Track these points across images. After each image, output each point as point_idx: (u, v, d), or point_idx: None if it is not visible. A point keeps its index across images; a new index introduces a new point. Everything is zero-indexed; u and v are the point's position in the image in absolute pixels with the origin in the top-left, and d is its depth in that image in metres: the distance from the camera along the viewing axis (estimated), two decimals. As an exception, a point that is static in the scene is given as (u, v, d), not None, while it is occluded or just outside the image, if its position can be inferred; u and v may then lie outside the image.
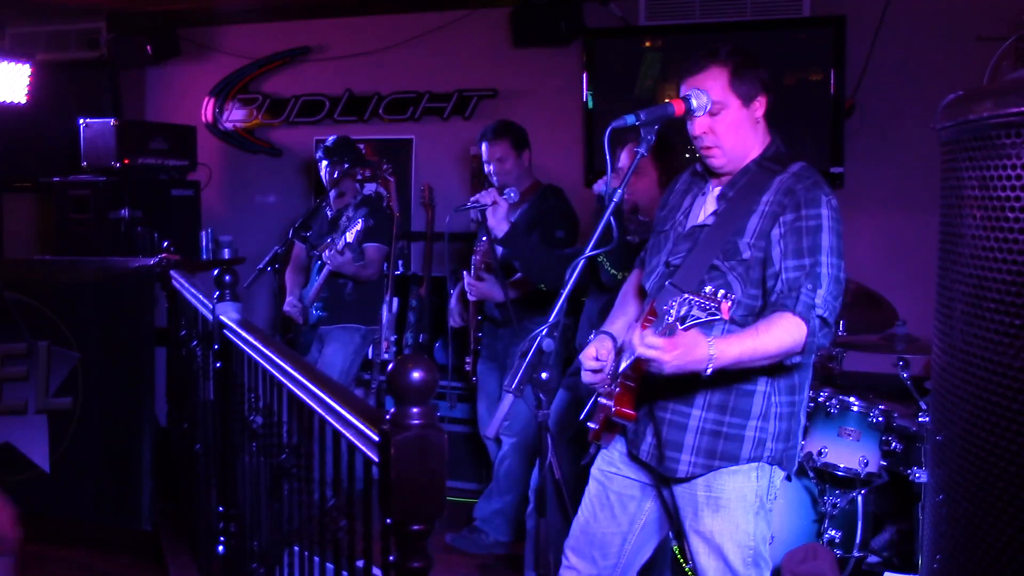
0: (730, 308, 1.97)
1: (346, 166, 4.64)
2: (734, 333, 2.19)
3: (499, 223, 3.40)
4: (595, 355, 2.34)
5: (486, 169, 4.11)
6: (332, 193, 4.63)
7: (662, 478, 2.39)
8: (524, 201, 4.03)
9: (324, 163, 4.65)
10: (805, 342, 2.15)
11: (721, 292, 1.96)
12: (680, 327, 1.96)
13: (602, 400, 2.37)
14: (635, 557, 2.52)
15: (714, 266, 2.26)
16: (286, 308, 4.67)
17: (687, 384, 2.24)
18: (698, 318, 1.96)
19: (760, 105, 2.32)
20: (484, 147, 4.07)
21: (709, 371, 2.07)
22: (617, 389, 2.27)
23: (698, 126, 2.28)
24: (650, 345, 2.00)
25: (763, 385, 2.28)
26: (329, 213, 4.67)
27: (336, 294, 4.55)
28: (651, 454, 2.36)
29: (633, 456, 2.43)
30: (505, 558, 4.09)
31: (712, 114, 2.27)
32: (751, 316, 2.26)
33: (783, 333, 2.14)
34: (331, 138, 4.74)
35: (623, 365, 2.22)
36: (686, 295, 1.98)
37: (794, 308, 2.15)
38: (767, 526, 2.35)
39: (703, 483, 2.31)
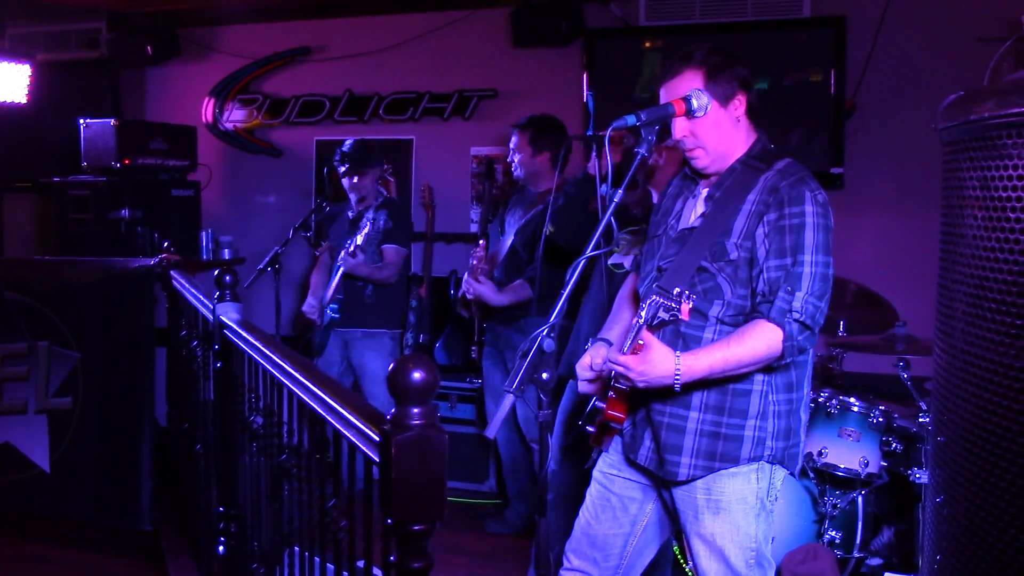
0: (690, 309, 2.04)
1: (347, 166, 4.63)
2: (705, 346, 2.21)
3: (608, 163, 3.38)
4: (590, 364, 2.36)
5: (517, 157, 4.07)
6: (353, 197, 4.56)
7: (662, 481, 2.39)
8: (539, 203, 4.00)
9: (343, 168, 4.53)
10: (783, 347, 2.15)
11: (680, 291, 2.05)
12: (645, 329, 2.07)
13: (599, 404, 2.37)
14: (637, 559, 2.51)
15: (703, 268, 2.25)
16: (304, 308, 4.62)
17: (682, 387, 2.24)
18: (662, 318, 2.05)
19: (739, 104, 2.30)
20: (514, 136, 4.07)
21: (677, 387, 2.13)
22: (611, 394, 2.27)
23: (678, 130, 2.28)
24: (616, 362, 2.09)
25: (759, 384, 2.27)
26: (350, 215, 4.61)
27: (355, 297, 4.49)
28: (649, 458, 2.36)
29: (631, 460, 2.43)
30: (509, 554, 4.09)
31: (690, 118, 2.27)
32: (741, 316, 2.25)
33: (756, 342, 2.14)
34: (348, 142, 4.62)
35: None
36: (653, 297, 2.06)
37: (768, 314, 2.15)
38: (769, 527, 2.34)
39: (703, 486, 2.30)
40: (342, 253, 4.34)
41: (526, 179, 4.11)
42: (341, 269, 4.37)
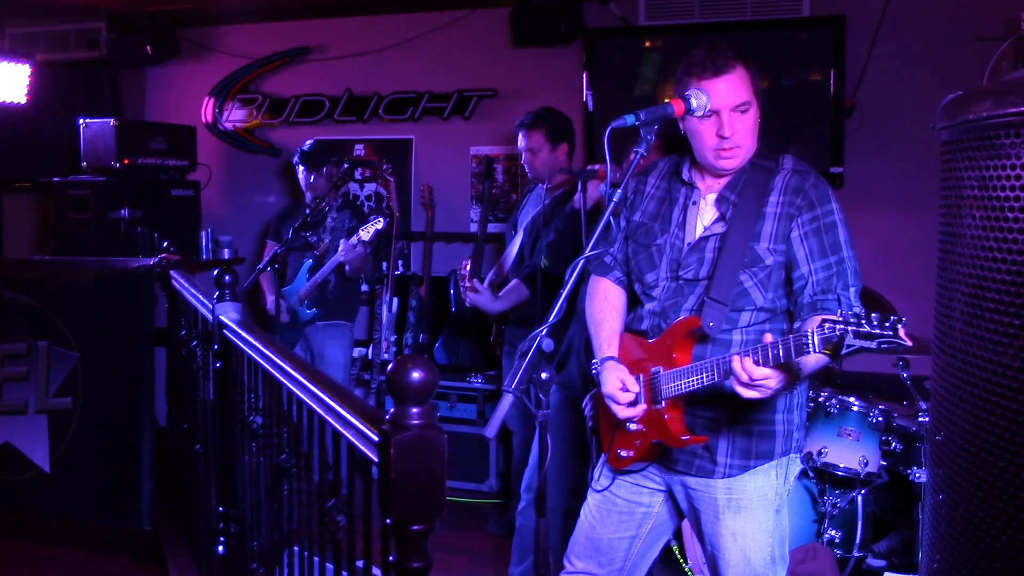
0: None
1: (345, 166, 4.79)
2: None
3: (592, 198, 3.39)
4: (623, 386, 2.27)
5: (522, 159, 4.07)
6: (309, 196, 4.79)
7: (681, 480, 2.37)
8: (555, 191, 3.97)
9: (301, 168, 4.80)
10: None
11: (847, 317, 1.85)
12: (815, 350, 1.87)
13: (633, 427, 2.32)
14: (641, 560, 2.51)
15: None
16: (271, 309, 4.72)
17: (713, 388, 2.22)
18: (853, 346, 1.83)
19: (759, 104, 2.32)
20: (519, 135, 4.05)
21: (795, 388, 2.13)
22: (667, 416, 2.25)
23: (729, 126, 2.20)
24: (763, 376, 1.97)
25: None
26: (308, 214, 4.68)
27: (319, 291, 4.67)
28: (684, 461, 2.34)
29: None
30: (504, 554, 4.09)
31: (741, 112, 2.22)
32: (772, 316, 2.28)
33: None
34: (308, 143, 4.88)
35: (667, 390, 2.22)
36: (831, 325, 1.85)
37: (838, 312, 2.14)
38: (785, 524, 2.36)
39: (724, 485, 2.30)
40: (341, 243, 4.49)
41: (547, 176, 4.04)
42: (334, 259, 4.53)
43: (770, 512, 2.31)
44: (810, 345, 1.87)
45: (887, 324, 1.76)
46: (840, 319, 1.81)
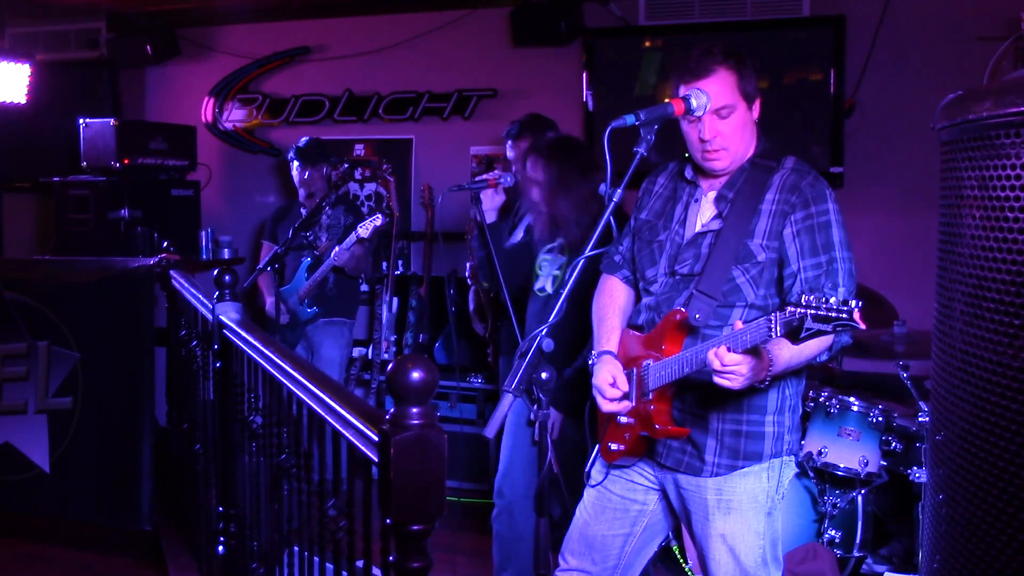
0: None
1: (346, 166, 4.80)
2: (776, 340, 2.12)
3: (491, 209, 3.42)
4: (613, 381, 2.29)
5: (512, 168, 4.06)
6: (303, 192, 4.80)
7: (673, 480, 2.38)
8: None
9: (296, 163, 4.80)
10: (832, 342, 2.17)
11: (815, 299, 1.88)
12: (778, 336, 1.91)
13: (623, 420, 2.33)
14: (635, 558, 2.51)
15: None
16: (269, 310, 4.73)
17: (704, 385, 2.22)
18: (812, 328, 1.86)
19: (758, 105, 2.32)
20: (507, 145, 4.04)
21: (767, 380, 2.11)
22: (652, 407, 2.25)
23: (709, 130, 2.24)
24: (734, 363, 2.00)
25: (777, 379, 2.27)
26: (303, 212, 4.71)
27: (319, 289, 4.69)
28: (673, 458, 2.35)
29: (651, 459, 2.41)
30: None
31: (722, 117, 2.24)
32: (763, 314, 2.25)
33: (816, 341, 2.08)
34: (303, 139, 4.88)
35: (653, 382, 2.23)
36: (797, 309, 1.87)
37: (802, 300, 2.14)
38: (777, 526, 2.35)
39: (714, 486, 2.30)
40: (335, 248, 4.50)
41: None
42: (328, 263, 4.54)
43: (760, 515, 2.30)
44: (773, 329, 1.90)
45: (844, 308, 1.80)
46: (802, 304, 1.85)
